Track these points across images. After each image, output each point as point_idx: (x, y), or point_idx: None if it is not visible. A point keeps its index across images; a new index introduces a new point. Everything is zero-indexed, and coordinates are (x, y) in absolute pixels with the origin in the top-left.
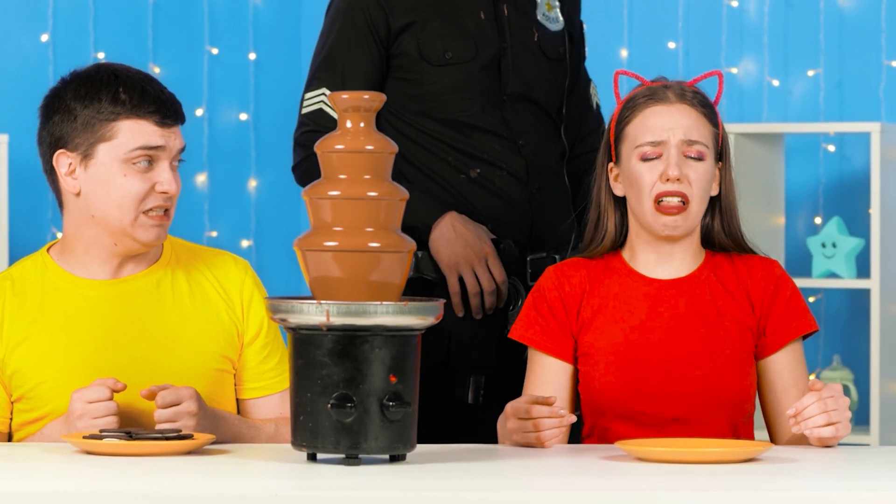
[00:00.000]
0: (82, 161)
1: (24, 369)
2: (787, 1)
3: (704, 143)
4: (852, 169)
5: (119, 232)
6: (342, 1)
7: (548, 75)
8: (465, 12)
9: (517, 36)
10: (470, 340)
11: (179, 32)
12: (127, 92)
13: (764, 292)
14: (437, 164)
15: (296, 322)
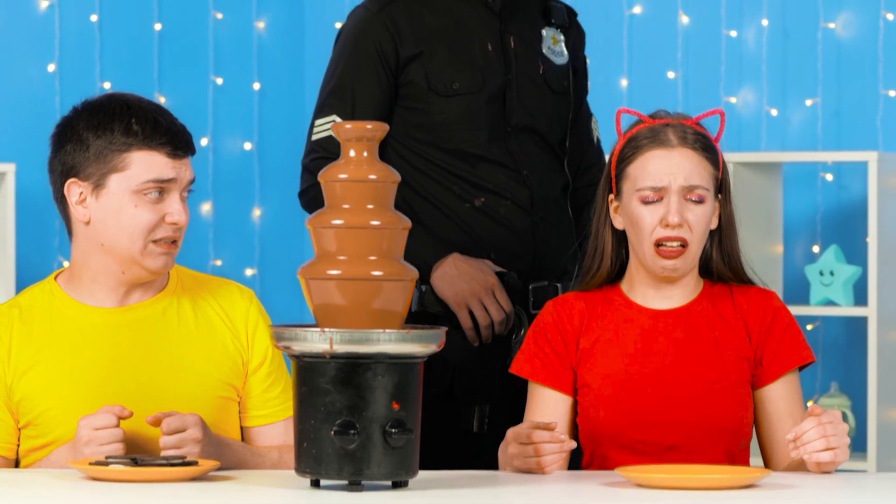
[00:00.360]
0: (94, 190)
1: (31, 396)
2: (785, 31)
3: (705, 186)
4: (850, 198)
5: (128, 260)
6: (353, 28)
7: (552, 108)
8: (473, 43)
9: (523, 68)
10: (474, 370)
11: (184, 62)
12: (139, 123)
13: (761, 323)
14: (442, 193)
15: (299, 350)
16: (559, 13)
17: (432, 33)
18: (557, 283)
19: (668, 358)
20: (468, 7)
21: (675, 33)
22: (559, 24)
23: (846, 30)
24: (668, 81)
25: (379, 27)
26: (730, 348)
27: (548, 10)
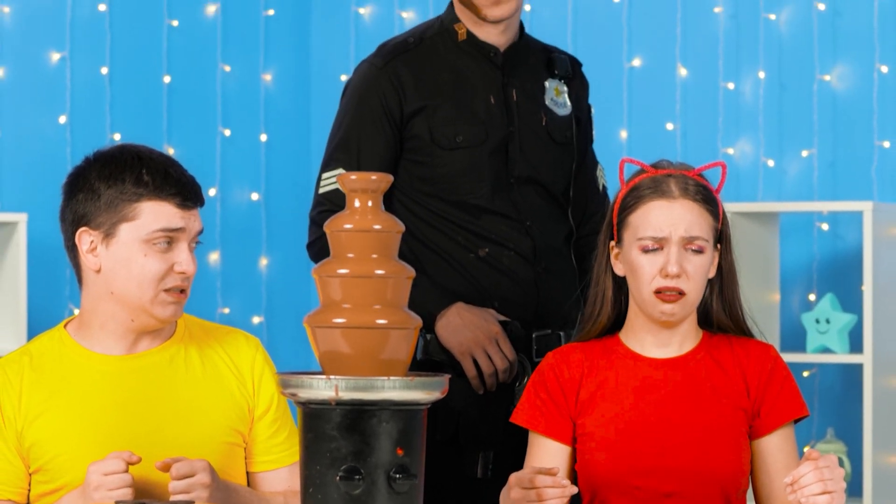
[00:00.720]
0: (104, 239)
1: (42, 442)
2: (782, 83)
3: (704, 237)
4: (845, 247)
5: (137, 308)
6: (358, 83)
7: (555, 158)
8: (476, 97)
9: (525, 120)
10: (478, 417)
11: (193, 114)
12: (150, 174)
13: (759, 376)
14: (446, 244)
15: (306, 396)
16: (562, 64)
17: (436, 88)
18: (560, 332)
19: (667, 406)
20: (471, 61)
21: (673, 86)
22: (562, 76)
23: (841, 82)
24: (667, 133)
25: (384, 82)
26: (727, 398)
27: (551, 61)
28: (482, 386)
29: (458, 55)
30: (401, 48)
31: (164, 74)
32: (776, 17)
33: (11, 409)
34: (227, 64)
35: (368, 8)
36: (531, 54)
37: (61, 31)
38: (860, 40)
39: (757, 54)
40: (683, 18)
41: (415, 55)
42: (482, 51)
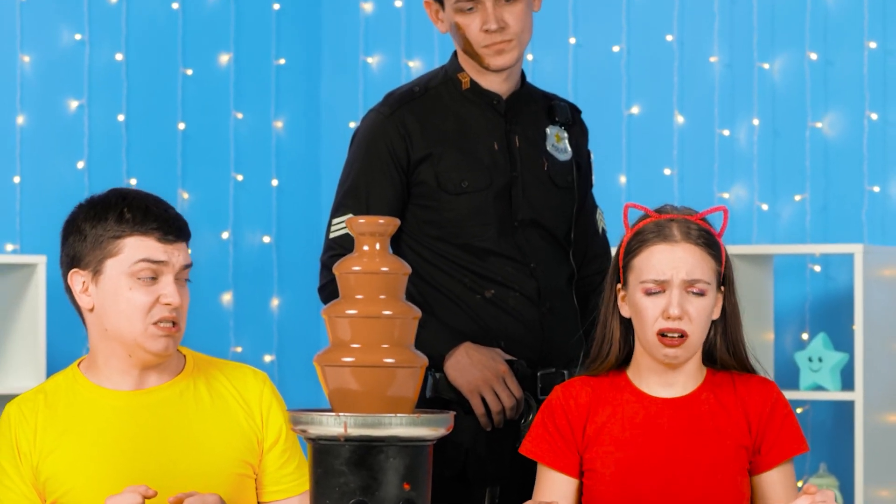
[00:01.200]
0: (93, 277)
1: (57, 475)
2: (775, 130)
3: (706, 280)
4: (837, 288)
5: (131, 343)
6: (366, 131)
7: (557, 202)
8: (480, 144)
9: (528, 165)
10: (485, 453)
11: (207, 160)
12: (131, 211)
13: (761, 414)
14: (454, 285)
15: (315, 433)
16: (563, 111)
17: (441, 135)
18: (564, 370)
19: (670, 445)
20: (475, 109)
21: (671, 132)
22: (563, 122)
23: (833, 129)
24: (664, 178)
25: (391, 130)
26: (729, 437)
27: (551, 108)
28: (490, 423)
29: (462, 103)
30: (407, 97)
31: (178, 121)
32: (770, 67)
33: (27, 444)
34: (239, 111)
35: (376, 57)
36: (532, 102)
37: (79, 79)
38: (850, 89)
39: (751, 102)
40: (680, 67)
41: (420, 104)
42: (485, 98)
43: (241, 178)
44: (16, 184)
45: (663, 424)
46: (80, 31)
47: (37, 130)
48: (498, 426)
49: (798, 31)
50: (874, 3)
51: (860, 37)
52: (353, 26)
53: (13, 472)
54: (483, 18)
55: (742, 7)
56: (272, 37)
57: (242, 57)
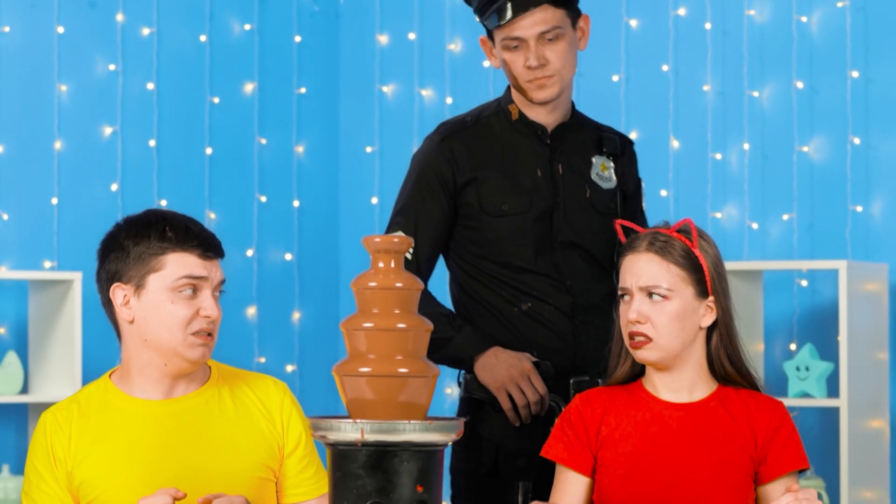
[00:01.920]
0: (135, 291)
1: (90, 480)
2: (765, 154)
3: (665, 286)
4: (823, 301)
5: (170, 352)
6: (420, 157)
7: (598, 227)
8: (524, 170)
9: (570, 192)
10: (516, 450)
11: (232, 182)
12: (173, 230)
13: (767, 429)
14: (493, 298)
15: (334, 438)
16: (611, 143)
17: (486, 160)
18: (598, 379)
19: (679, 446)
20: (522, 138)
21: (666, 156)
22: (610, 153)
23: (818, 152)
24: (660, 198)
25: (440, 157)
26: (735, 443)
27: (601, 140)
28: (518, 418)
29: (510, 133)
30: (458, 126)
31: (206, 146)
32: (759, 95)
33: (62, 451)
34: (263, 137)
35: (391, 86)
36: (581, 131)
37: (113, 107)
38: (835, 115)
39: (742, 128)
40: (675, 95)
41: (471, 132)
42: (531, 129)
43: (264, 200)
44: (54, 205)
45: (672, 427)
46: (114, 62)
47: (73, 155)
48: (525, 421)
49: (785, 61)
50: (856, 35)
51: (843, 66)
52: (370, 57)
53: (49, 477)
54: (526, 56)
55: (733, 39)
56: (294, 67)
57: (266, 86)
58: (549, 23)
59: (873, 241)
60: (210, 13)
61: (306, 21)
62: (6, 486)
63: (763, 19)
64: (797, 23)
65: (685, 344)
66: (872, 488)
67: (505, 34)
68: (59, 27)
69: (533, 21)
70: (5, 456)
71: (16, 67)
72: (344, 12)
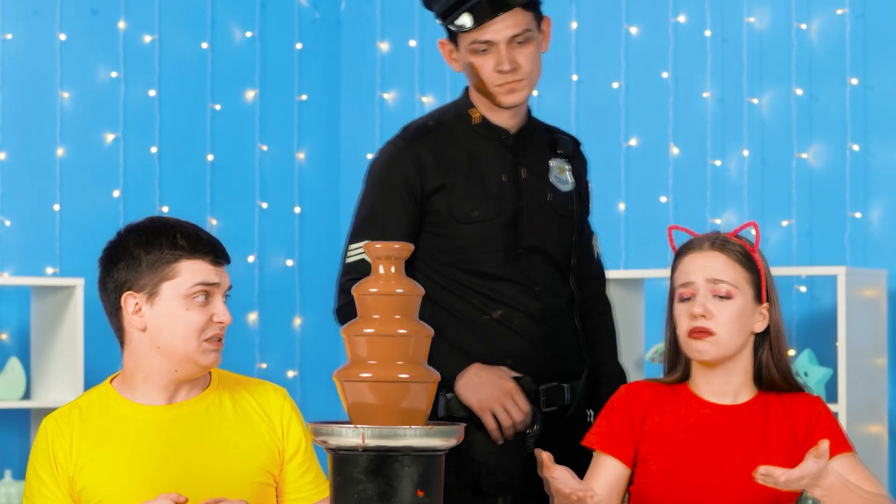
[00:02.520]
0: (148, 299)
1: (92, 485)
2: (764, 161)
3: (731, 282)
4: (822, 307)
5: (183, 359)
6: (383, 162)
7: (558, 230)
8: (490, 176)
9: (533, 196)
10: (497, 465)
11: (234, 189)
12: (184, 237)
13: (807, 424)
14: (464, 307)
15: (335, 443)
16: (565, 144)
17: (453, 167)
18: (565, 384)
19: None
20: (485, 143)
21: (666, 162)
22: (565, 154)
23: (817, 159)
24: (660, 205)
25: (406, 162)
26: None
27: (554, 142)
28: (502, 437)
29: (473, 137)
30: (422, 131)
31: (207, 153)
32: (759, 102)
33: (64, 456)
34: (264, 144)
35: (392, 93)
36: (537, 135)
37: (115, 114)
38: (834, 122)
39: (741, 134)
40: (675, 102)
41: (434, 137)
42: (495, 133)
43: (265, 206)
44: (56, 211)
45: (714, 426)
46: (116, 70)
47: (76, 162)
48: (509, 439)
49: (784, 69)
50: (855, 43)
51: (842, 74)
52: (371, 64)
53: (50, 482)
54: (497, 59)
55: (732, 46)
56: (295, 74)
57: (267, 93)
58: (520, 26)
59: (872, 248)
60: (211, 20)
61: (307, 28)
62: (8, 491)
63: (763, 26)
64: (797, 30)
65: (742, 345)
66: None
67: (474, 38)
68: (62, 34)
69: (504, 25)
70: (7, 461)
71: (18, 74)
72: (345, 19)
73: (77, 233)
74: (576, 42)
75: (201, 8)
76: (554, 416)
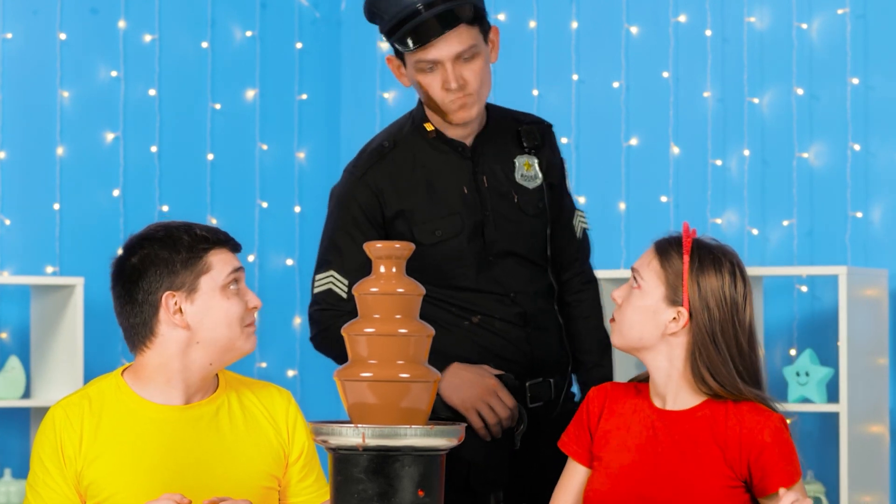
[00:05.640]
0: (188, 297)
1: (99, 481)
2: (764, 160)
3: (642, 276)
4: (822, 307)
5: (223, 349)
6: (341, 192)
7: (529, 230)
8: (450, 191)
9: (497, 202)
10: (485, 462)
11: (234, 188)
12: (203, 230)
13: (753, 446)
14: (442, 314)
15: (336, 443)
16: (530, 136)
17: (411, 190)
18: (551, 379)
19: (659, 452)
20: (442, 156)
21: (667, 162)
22: (531, 147)
23: (818, 159)
24: (661, 204)
25: (363, 191)
26: (711, 456)
27: (519, 135)
28: (489, 434)
29: (429, 153)
30: (377, 154)
31: (207, 152)
32: (759, 101)
33: (73, 449)
34: (264, 143)
35: (392, 93)
36: (499, 134)
37: (115, 113)
38: (834, 122)
39: (742, 134)
40: (676, 102)
41: (391, 160)
42: (451, 146)
43: (265, 205)
44: (56, 210)
45: (654, 433)
46: (116, 69)
47: (75, 161)
48: (496, 437)
49: (785, 68)
50: (856, 42)
51: (843, 73)
52: (371, 64)
53: (56, 473)
54: (444, 78)
55: (733, 46)
56: (295, 74)
57: (267, 92)
58: (465, 43)
59: (873, 247)
60: (211, 20)
61: (308, 28)
62: (8, 489)
63: (763, 26)
64: (797, 30)
65: (650, 343)
66: (872, 493)
67: (419, 57)
68: (62, 34)
69: (448, 43)
70: (7, 460)
71: (18, 74)
72: (345, 19)
73: (77, 232)
74: (576, 42)
75: (201, 7)
76: (540, 411)
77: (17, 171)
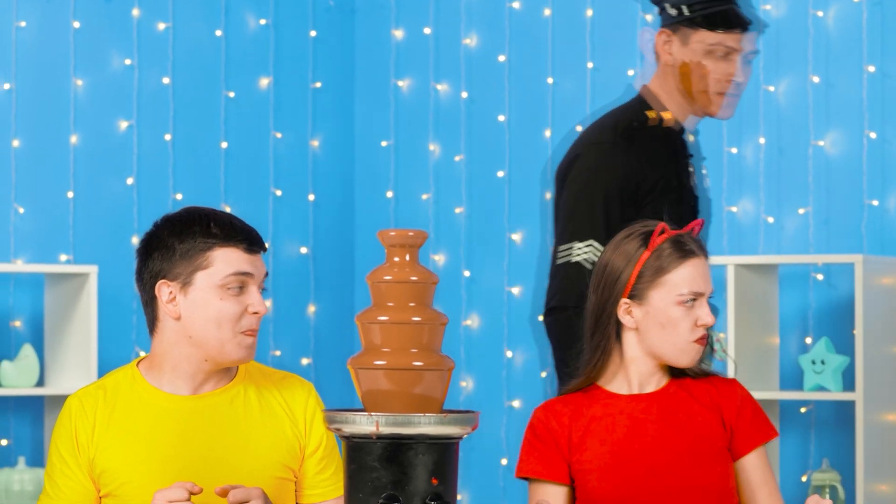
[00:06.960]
0: (182, 289)
1: (111, 470)
2: (780, 148)
3: None
4: (838, 295)
5: (214, 350)
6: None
7: None
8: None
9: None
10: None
11: (247, 176)
12: (217, 225)
13: (731, 406)
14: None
15: (349, 431)
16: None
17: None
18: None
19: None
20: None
21: None
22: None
23: (834, 147)
24: None
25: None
26: (703, 420)
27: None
28: None
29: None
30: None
31: (221, 140)
32: (775, 89)
33: (86, 438)
34: (278, 131)
35: (406, 81)
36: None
37: (129, 101)
38: (851, 109)
39: (757, 122)
40: None
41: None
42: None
43: (279, 194)
44: (70, 199)
45: (640, 416)
46: (130, 57)
47: (89, 149)
48: None
49: (801, 56)
50: (872, 30)
51: (859, 61)
52: (385, 51)
53: (72, 462)
54: (734, 69)
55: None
56: (309, 62)
57: (281, 80)
58: (755, 46)
59: (889, 235)
60: (225, 7)
61: (322, 15)
62: (22, 477)
63: (779, 13)
64: (813, 17)
65: None
66: (888, 481)
67: (722, 40)
68: (75, 22)
69: (749, 39)
70: (21, 448)
71: (32, 62)
72: (359, 6)
73: (91, 220)
74: (591, 30)
75: None
76: None
77: (31, 159)
